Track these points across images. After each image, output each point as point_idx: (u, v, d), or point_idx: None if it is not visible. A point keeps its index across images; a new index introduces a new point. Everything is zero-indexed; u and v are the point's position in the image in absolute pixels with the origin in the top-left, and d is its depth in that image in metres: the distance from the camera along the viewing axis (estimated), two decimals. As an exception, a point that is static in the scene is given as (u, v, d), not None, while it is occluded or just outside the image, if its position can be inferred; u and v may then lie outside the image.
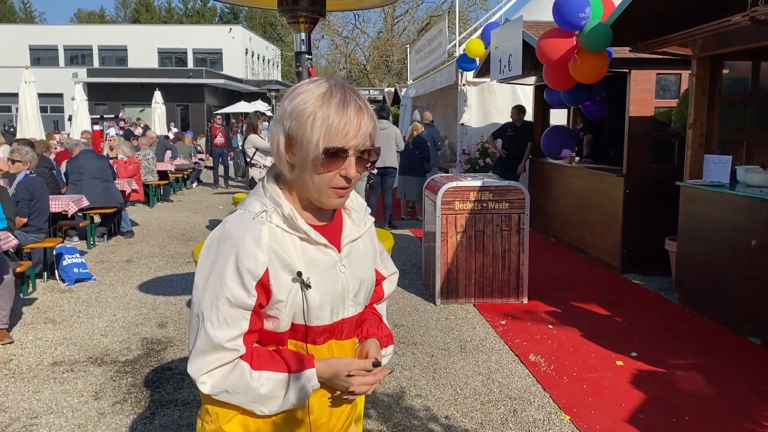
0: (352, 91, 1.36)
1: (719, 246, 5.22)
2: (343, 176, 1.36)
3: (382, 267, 1.69)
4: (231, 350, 1.36)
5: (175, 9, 64.31)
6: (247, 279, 1.33)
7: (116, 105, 33.23)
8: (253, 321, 1.38)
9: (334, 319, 1.45)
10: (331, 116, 1.31)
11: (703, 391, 4.01)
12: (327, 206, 1.42)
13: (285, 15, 3.10)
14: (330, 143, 1.32)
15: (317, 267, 1.41)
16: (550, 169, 9.02)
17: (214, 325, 1.35)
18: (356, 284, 1.49)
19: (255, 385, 1.36)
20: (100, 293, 6.33)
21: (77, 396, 4.01)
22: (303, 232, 1.39)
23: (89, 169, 8.17)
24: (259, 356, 1.39)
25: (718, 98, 5.65)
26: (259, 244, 1.35)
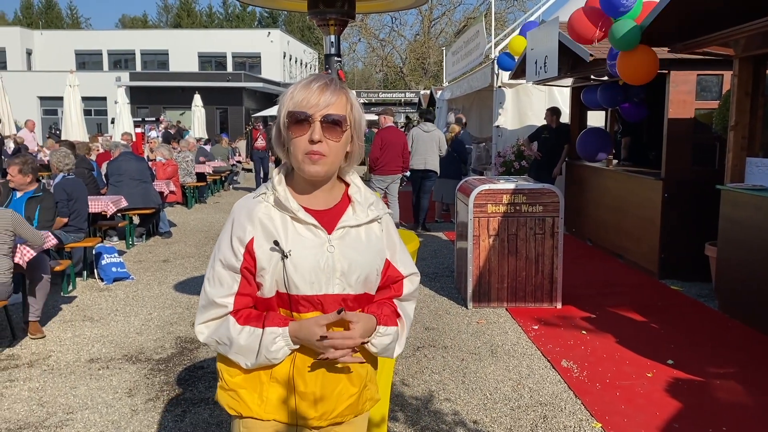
0: (324, 76, 1.61)
1: (761, 252, 5.06)
2: (311, 140, 1.54)
3: (400, 265, 1.78)
4: (221, 306, 1.62)
5: (216, 13, 65.38)
6: (236, 245, 1.60)
7: (157, 108, 33.85)
8: (243, 284, 1.61)
9: (317, 292, 1.60)
10: (296, 89, 1.59)
11: (741, 401, 3.89)
12: (307, 174, 1.58)
13: (315, 17, 3.11)
14: (291, 108, 1.57)
15: (302, 243, 1.59)
16: (586, 171, 8.88)
17: (211, 284, 1.64)
18: (345, 265, 1.62)
19: (235, 336, 1.59)
20: (137, 292, 6.46)
21: (112, 392, 4.10)
22: (291, 211, 1.60)
23: (128, 171, 8.34)
24: (248, 316, 1.62)
25: (761, 100, 5.48)
26: (251, 217, 1.61)
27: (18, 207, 5.53)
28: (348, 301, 1.65)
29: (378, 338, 1.68)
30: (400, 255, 1.79)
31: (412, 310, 1.84)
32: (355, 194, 1.71)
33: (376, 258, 1.70)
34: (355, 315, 1.63)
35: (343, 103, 1.59)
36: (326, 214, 1.66)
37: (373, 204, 1.72)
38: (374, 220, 1.71)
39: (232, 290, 1.61)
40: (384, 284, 1.77)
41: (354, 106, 1.62)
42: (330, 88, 1.57)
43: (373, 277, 1.70)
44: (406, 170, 9.16)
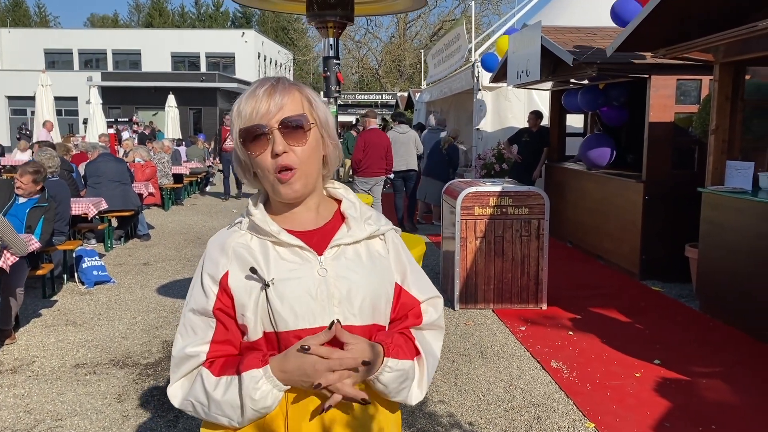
0: (269, 79, 1.36)
1: (742, 253, 5.18)
2: (275, 154, 1.30)
3: (413, 289, 1.49)
4: (192, 357, 1.33)
5: (188, 13, 64.72)
6: (207, 283, 1.34)
7: (130, 108, 33.42)
8: (220, 330, 1.33)
9: (310, 324, 1.30)
10: (241, 103, 1.33)
11: (728, 399, 3.98)
12: (283, 197, 1.35)
13: (314, 20, 3.11)
14: (242, 125, 1.32)
15: (286, 267, 1.32)
16: (566, 174, 8.99)
17: (182, 335, 1.36)
18: (343, 289, 1.34)
19: (211, 390, 1.29)
20: (120, 296, 6.36)
21: (101, 398, 4.03)
22: (271, 234, 1.34)
23: (108, 173, 8.22)
24: (224, 364, 1.32)
25: (740, 104, 5.61)
26: (223, 249, 1.36)
27: (20, 213, 5.41)
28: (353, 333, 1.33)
29: (386, 374, 1.35)
30: (413, 277, 1.49)
31: (438, 345, 1.51)
32: (349, 209, 1.44)
33: (382, 281, 1.41)
34: (352, 336, 1.31)
35: (297, 100, 1.34)
36: (315, 234, 1.39)
37: (372, 218, 1.45)
38: (375, 235, 1.44)
39: (207, 338, 1.32)
40: (398, 315, 1.47)
41: (314, 102, 1.37)
42: (278, 88, 1.33)
43: (381, 304, 1.40)
44: (389, 172, 9.20)
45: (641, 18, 5.25)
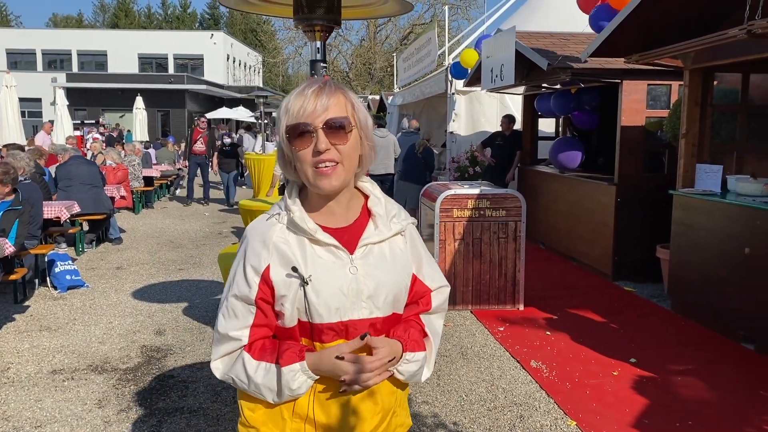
0: (317, 81, 1.47)
1: (712, 254, 5.33)
2: (317, 151, 1.41)
3: (427, 278, 1.66)
4: (235, 340, 1.49)
5: (155, 14, 63.87)
6: (250, 274, 1.47)
7: (96, 110, 32.88)
8: (259, 316, 1.49)
9: (341, 318, 1.47)
10: (290, 101, 1.44)
11: (702, 396, 4.09)
12: (322, 189, 1.45)
13: (301, 23, 3.12)
14: (290, 122, 1.43)
15: (322, 266, 1.46)
16: (539, 177, 9.12)
17: (225, 316, 1.51)
18: (371, 286, 1.49)
19: (252, 373, 1.47)
20: (94, 300, 6.26)
21: (80, 404, 3.97)
22: (308, 232, 1.46)
23: (79, 175, 8.08)
24: (263, 348, 1.50)
25: (709, 109, 5.77)
26: (265, 243, 1.47)
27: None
28: (377, 324, 1.52)
29: (404, 365, 1.55)
30: (427, 267, 1.66)
31: (440, 325, 1.71)
32: (375, 206, 1.56)
33: (402, 275, 1.57)
34: (379, 340, 1.50)
35: (342, 103, 1.45)
36: (345, 231, 1.52)
37: (396, 216, 1.58)
38: (398, 233, 1.57)
39: (247, 322, 1.49)
40: (411, 300, 1.64)
41: (356, 106, 1.49)
42: (325, 90, 1.44)
43: (401, 296, 1.57)
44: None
45: (615, 25, 5.37)
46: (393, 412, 1.61)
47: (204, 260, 8.12)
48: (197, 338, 5.18)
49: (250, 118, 29.40)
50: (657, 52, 5.36)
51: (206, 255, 8.44)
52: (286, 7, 3.17)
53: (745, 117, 6.03)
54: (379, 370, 1.49)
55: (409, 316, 1.64)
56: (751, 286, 4.87)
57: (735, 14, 4.86)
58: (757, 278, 4.81)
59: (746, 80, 5.89)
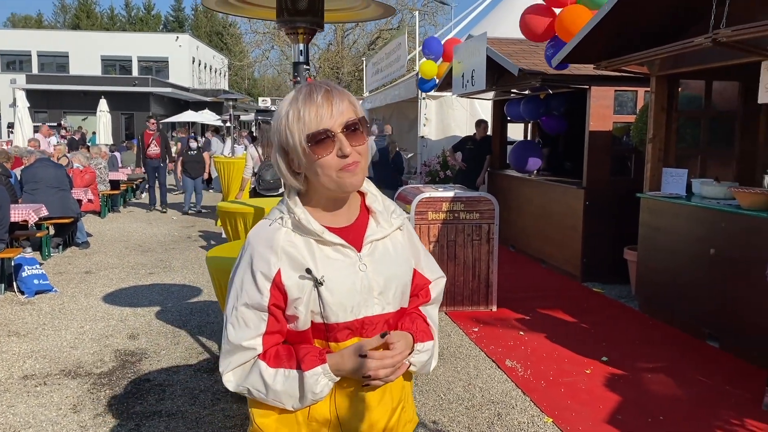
0: (320, 84, 1.45)
1: (678, 255, 5.49)
2: (341, 156, 1.41)
3: (426, 270, 1.69)
4: (249, 349, 1.46)
5: (117, 16, 62.81)
6: (261, 281, 1.43)
7: (57, 113, 32.20)
8: (272, 322, 1.46)
9: (356, 316, 1.47)
10: (301, 109, 1.41)
11: (672, 392, 4.22)
12: (349, 188, 1.46)
13: (284, 26, 3.14)
14: (310, 130, 1.40)
15: (333, 266, 1.46)
16: (508, 181, 9.26)
17: (235, 326, 1.47)
18: (381, 282, 1.50)
19: (270, 382, 1.44)
20: (63, 305, 6.15)
21: (55, 409, 3.91)
22: (315, 233, 1.45)
23: (45, 178, 7.92)
24: (278, 355, 1.47)
25: (674, 115, 5.96)
26: (272, 248, 1.44)
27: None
28: (390, 320, 1.55)
29: (416, 356, 1.57)
30: (425, 260, 1.69)
31: (437, 315, 1.74)
32: (374, 203, 1.58)
33: (406, 268, 1.59)
34: (396, 334, 1.52)
35: (351, 105, 1.45)
36: (350, 230, 1.53)
37: (395, 211, 1.60)
38: (398, 228, 1.60)
39: (260, 330, 1.46)
40: (412, 293, 1.66)
41: (358, 105, 1.50)
42: (334, 94, 1.43)
43: (407, 289, 1.60)
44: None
45: (585, 32, 5.51)
46: (402, 406, 1.63)
47: (174, 264, 8.04)
48: (172, 342, 5.13)
49: (217, 121, 29.13)
50: (625, 58, 5.51)
51: (176, 259, 8.35)
52: (269, 9, 3.19)
53: (708, 122, 6.24)
54: (400, 364, 1.50)
55: (410, 308, 1.65)
56: (716, 286, 5.04)
57: (700, 23, 5.05)
58: (721, 278, 4.98)
59: (709, 87, 6.09)
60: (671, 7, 5.20)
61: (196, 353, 4.89)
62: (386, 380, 1.48)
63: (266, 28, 30.83)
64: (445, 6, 29.65)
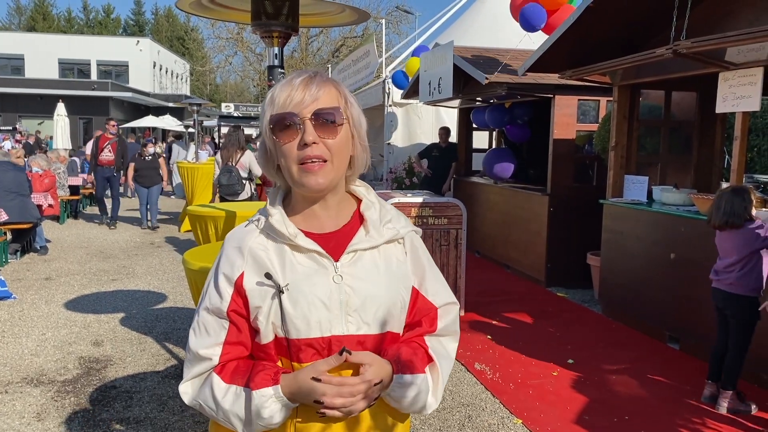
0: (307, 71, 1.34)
1: (640, 260, 5.64)
2: (304, 144, 1.26)
3: (430, 294, 1.45)
4: (205, 359, 1.32)
5: (75, 18, 61.51)
6: (222, 283, 1.32)
7: (12, 116, 31.34)
8: (232, 331, 1.31)
9: (322, 333, 1.29)
10: (276, 90, 1.30)
11: (636, 393, 4.33)
12: (308, 188, 1.30)
13: (259, 30, 3.15)
14: (275, 111, 1.29)
15: (302, 274, 1.30)
16: (473, 188, 9.38)
17: (195, 333, 1.34)
18: (359, 297, 1.31)
19: (220, 398, 1.29)
20: (23, 312, 5.99)
21: (18, 418, 3.81)
22: (287, 237, 1.31)
23: (4, 182, 7.71)
24: (236, 370, 1.31)
25: (636, 123, 6.13)
26: (240, 250, 1.33)
27: None
28: (366, 342, 1.32)
29: (397, 390, 1.33)
30: (431, 281, 1.45)
31: (453, 349, 1.47)
32: (368, 211, 1.40)
33: (398, 288, 1.38)
34: (365, 355, 1.29)
35: (333, 95, 1.31)
36: (332, 237, 1.36)
37: (391, 221, 1.42)
38: (393, 240, 1.40)
39: (219, 339, 1.31)
40: (413, 320, 1.44)
41: (349, 101, 1.34)
42: (315, 80, 1.30)
43: (396, 311, 1.37)
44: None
45: (550, 42, 5.64)
46: None
47: (138, 270, 7.90)
48: (138, 349, 5.05)
49: (179, 126, 28.74)
50: (589, 68, 5.66)
51: (139, 265, 8.22)
52: (244, 13, 3.20)
53: (668, 131, 6.43)
54: (365, 394, 1.26)
55: (411, 337, 1.43)
56: (676, 289, 5.19)
57: (661, 35, 5.22)
58: (681, 282, 5.14)
59: (669, 97, 6.29)
60: (633, 19, 5.36)
61: (163, 359, 4.82)
62: (345, 412, 1.25)
63: (229, 34, 30.63)
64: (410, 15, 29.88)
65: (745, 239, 3.83)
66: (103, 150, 11.14)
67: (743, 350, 3.90)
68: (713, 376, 4.09)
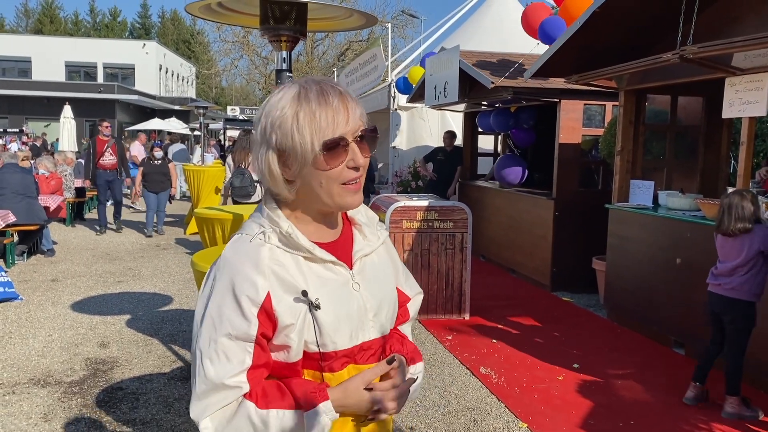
0: (325, 82, 1.28)
1: (645, 264, 5.64)
2: (352, 167, 1.26)
3: (406, 287, 1.53)
4: (233, 388, 1.23)
5: (82, 21, 61.81)
6: (247, 306, 1.22)
7: (19, 119, 31.50)
8: (257, 354, 1.25)
9: (353, 342, 1.31)
10: (316, 111, 1.22)
11: (641, 398, 4.33)
12: (346, 207, 1.30)
13: (268, 33, 3.17)
14: (326, 136, 1.22)
15: (327, 286, 1.28)
16: (479, 192, 9.38)
17: (214, 362, 1.23)
18: (375, 303, 1.35)
19: (261, 426, 1.23)
20: (30, 313, 6.02)
21: (25, 419, 3.83)
22: (305, 250, 1.27)
23: (12, 184, 7.76)
24: (266, 393, 1.25)
25: (641, 128, 6.13)
26: (258, 268, 1.24)
27: None
28: (386, 345, 1.40)
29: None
30: (404, 275, 1.53)
31: (410, 333, 1.59)
32: (357, 215, 1.42)
33: (394, 287, 1.45)
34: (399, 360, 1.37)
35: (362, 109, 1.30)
36: (337, 246, 1.35)
37: (378, 223, 1.46)
38: (383, 242, 1.45)
39: (245, 365, 1.23)
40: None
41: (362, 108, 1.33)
42: (349, 98, 1.26)
43: (396, 309, 1.45)
44: None
45: (556, 47, 5.65)
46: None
47: (143, 272, 7.93)
48: (144, 350, 5.07)
49: (184, 129, 28.84)
50: (595, 73, 5.66)
51: (145, 267, 8.24)
52: (253, 17, 3.22)
53: (674, 136, 6.43)
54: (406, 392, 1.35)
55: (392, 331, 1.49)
56: (681, 294, 5.18)
57: (666, 40, 5.22)
58: (686, 287, 5.13)
59: (675, 102, 6.29)
60: (640, 24, 5.37)
61: (169, 361, 4.84)
62: (393, 413, 1.31)
63: (235, 38, 30.72)
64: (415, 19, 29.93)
65: (752, 242, 3.85)
66: (104, 153, 10.68)
67: (742, 355, 3.92)
68: (700, 378, 4.11)
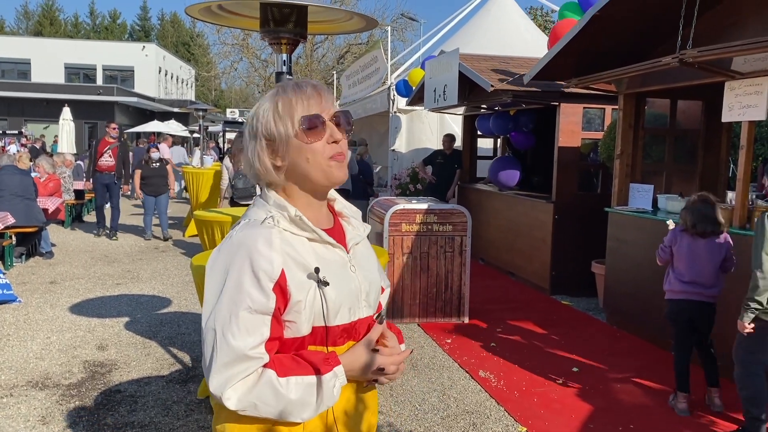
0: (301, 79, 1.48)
1: (644, 268, 5.63)
2: (332, 141, 1.42)
3: (381, 279, 1.67)
4: (255, 359, 1.32)
5: (82, 23, 61.81)
6: (265, 281, 1.33)
7: (18, 121, 31.50)
8: (274, 327, 1.35)
9: (352, 318, 1.46)
10: (292, 98, 1.41)
11: (641, 401, 4.32)
12: (337, 180, 1.45)
13: (268, 36, 3.17)
14: (303, 113, 1.40)
15: (331, 266, 1.43)
16: (478, 195, 9.38)
17: (236, 335, 1.31)
18: (366, 284, 1.52)
19: (284, 391, 1.32)
20: (28, 315, 6.01)
21: (23, 421, 3.82)
22: (312, 231, 1.42)
23: (11, 186, 7.75)
24: (282, 363, 1.36)
25: (641, 132, 6.13)
26: (272, 246, 1.35)
27: None
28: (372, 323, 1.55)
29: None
30: (379, 267, 1.68)
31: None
32: (344, 209, 1.61)
33: (377, 273, 1.62)
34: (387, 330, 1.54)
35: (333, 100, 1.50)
36: (333, 232, 1.50)
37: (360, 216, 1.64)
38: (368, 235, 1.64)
39: (264, 337, 1.34)
40: None
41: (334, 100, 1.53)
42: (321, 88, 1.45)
43: (379, 292, 1.62)
44: None
45: (556, 50, 5.65)
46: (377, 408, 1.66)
47: (142, 275, 7.91)
48: (142, 353, 5.05)
49: (184, 132, 28.83)
50: (595, 76, 5.66)
51: (144, 270, 8.23)
52: (253, 19, 3.21)
53: (673, 140, 6.43)
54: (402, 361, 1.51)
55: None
56: (681, 298, 5.17)
57: (666, 44, 5.23)
58: (686, 290, 5.11)
59: (674, 105, 6.29)
60: (639, 28, 5.37)
61: (168, 364, 4.83)
62: (393, 378, 1.48)
63: (234, 40, 30.70)
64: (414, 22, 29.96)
65: (720, 246, 4.08)
66: (103, 155, 10.42)
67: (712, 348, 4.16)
68: (686, 387, 4.11)
